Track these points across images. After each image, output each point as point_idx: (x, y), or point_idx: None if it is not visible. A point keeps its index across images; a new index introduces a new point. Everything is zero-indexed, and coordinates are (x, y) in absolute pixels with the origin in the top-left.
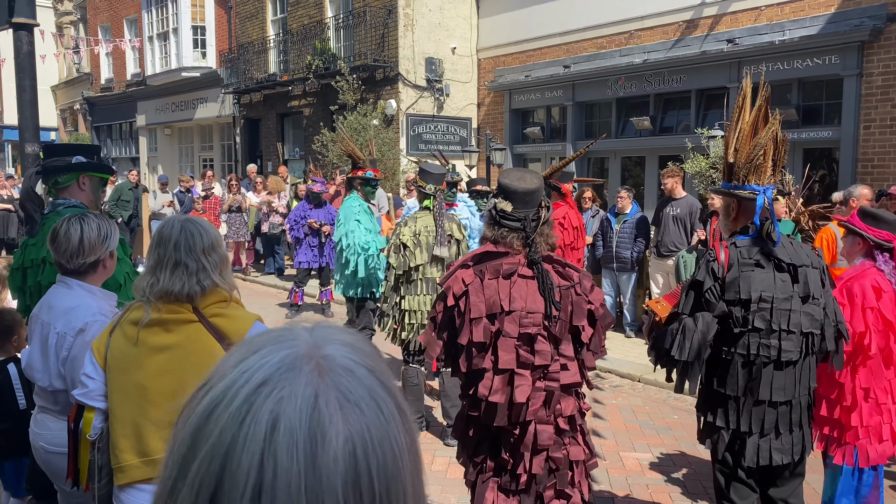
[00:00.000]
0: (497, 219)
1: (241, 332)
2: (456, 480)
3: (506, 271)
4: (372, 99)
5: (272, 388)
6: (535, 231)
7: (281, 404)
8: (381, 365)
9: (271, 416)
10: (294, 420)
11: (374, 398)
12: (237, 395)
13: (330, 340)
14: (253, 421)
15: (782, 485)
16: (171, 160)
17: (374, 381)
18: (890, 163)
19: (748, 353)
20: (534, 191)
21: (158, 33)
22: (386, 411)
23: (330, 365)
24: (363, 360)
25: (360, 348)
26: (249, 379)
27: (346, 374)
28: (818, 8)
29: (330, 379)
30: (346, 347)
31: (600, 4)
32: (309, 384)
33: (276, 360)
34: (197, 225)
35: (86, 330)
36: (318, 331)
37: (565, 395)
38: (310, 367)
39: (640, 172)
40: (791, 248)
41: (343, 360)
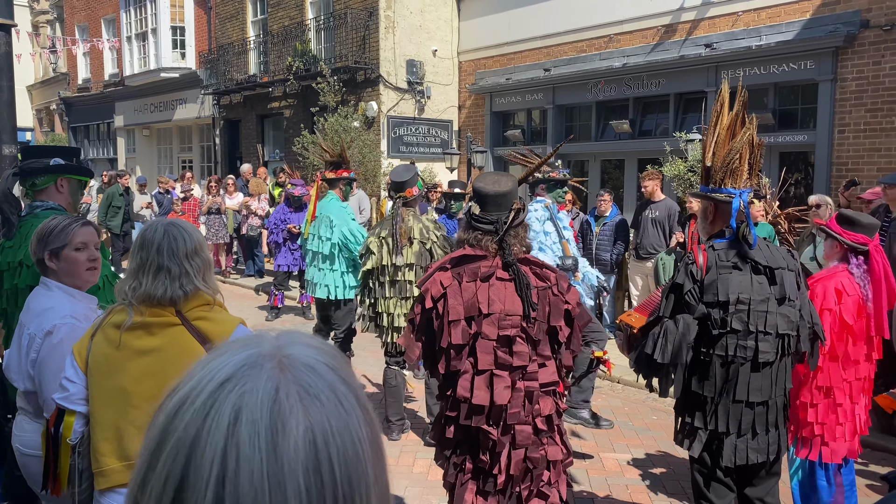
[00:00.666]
0: (471, 222)
1: (225, 335)
2: (437, 482)
3: (483, 274)
4: (353, 101)
5: (235, 384)
6: (506, 233)
7: (243, 398)
8: (344, 365)
9: (234, 409)
10: (256, 411)
11: (335, 392)
12: (202, 392)
13: (294, 343)
14: (217, 414)
15: (759, 484)
16: (149, 161)
17: (335, 377)
18: (864, 167)
19: (726, 354)
20: (505, 193)
21: (137, 33)
22: (346, 404)
23: (292, 362)
24: (325, 359)
25: (322, 349)
26: (213, 377)
27: (307, 370)
28: (794, 14)
29: (291, 374)
30: (308, 348)
31: (580, 8)
32: (270, 379)
33: (240, 358)
34: (180, 229)
35: (53, 332)
36: (284, 335)
37: (543, 394)
38: (272, 364)
39: (619, 175)
40: (767, 250)
41: (305, 358)
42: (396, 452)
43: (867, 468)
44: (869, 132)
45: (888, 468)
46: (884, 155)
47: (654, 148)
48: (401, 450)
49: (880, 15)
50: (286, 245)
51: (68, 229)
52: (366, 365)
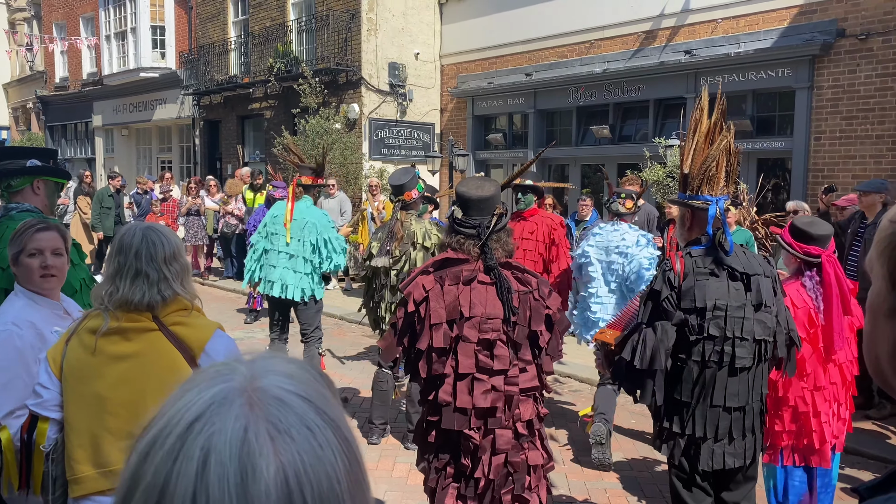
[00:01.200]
0: (453, 226)
1: (202, 340)
2: (416, 487)
3: (465, 277)
4: (334, 103)
5: (204, 424)
6: (488, 237)
7: (212, 440)
8: (320, 392)
9: (202, 452)
10: (224, 454)
11: (307, 425)
12: (171, 434)
13: (267, 372)
14: (185, 458)
15: (735, 489)
16: (128, 161)
17: (307, 408)
18: (839, 173)
19: (703, 359)
20: (488, 198)
21: (116, 32)
22: (320, 437)
23: (262, 396)
24: (299, 388)
25: (298, 377)
26: (182, 417)
27: (277, 404)
28: (772, 22)
29: (261, 410)
30: (281, 377)
31: (562, 14)
32: (239, 417)
33: (209, 395)
34: (159, 233)
35: None
36: (258, 363)
37: (524, 399)
38: (241, 401)
39: (599, 180)
40: (744, 257)
41: (275, 391)
42: (376, 457)
43: (842, 471)
44: (844, 139)
45: (864, 472)
46: (858, 162)
47: (633, 153)
48: (380, 454)
49: (856, 24)
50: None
51: (25, 235)
52: (344, 368)
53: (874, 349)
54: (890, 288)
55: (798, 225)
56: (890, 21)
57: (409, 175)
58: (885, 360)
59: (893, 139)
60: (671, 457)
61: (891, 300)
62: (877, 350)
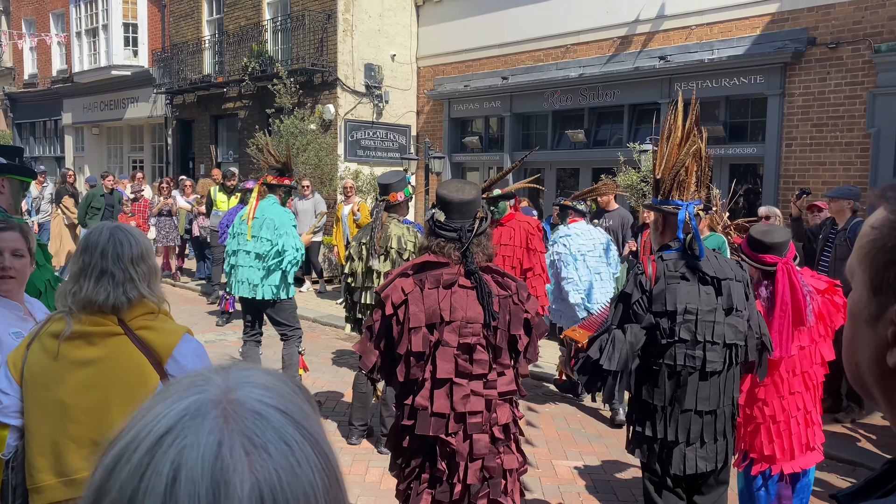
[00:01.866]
0: (434, 229)
1: (170, 345)
2: (390, 491)
3: (446, 281)
4: (310, 103)
5: (175, 437)
6: (470, 241)
7: (183, 454)
8: (299, 405)
9: (172, 468)
10: (196, 470)
11: (285, 440)
12: (139, 448)
13: (244, 383)
14: (154, 473)
15: (707, 492)
16: (98, 160)
17: (285, 422)
18: (809, 179)
19: (674, 363)
20: (470, 201)
21: (87, 29)
22: (298, 453)
23: (237, 409)
24: (277, 401)
25: (276, 389)
26: (152, 430)
27: (254, 418)
28: (745, 29)
29: (235, 424)
30: (259, 389)
31: (538, 18)
32: (213, 431)
33: (181, 407)
34: (127, 233)
35: None
36: (234, 373)
37: (501, 403)
38: (216, 413)
39: (574, 184)
40: (716, 261)
41: (252, 404)
42: (349, 461)
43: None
44: (814, 146)
45: (834, 475)
46: (828, 169)
47: (608, 157)
48: (353, 458)
49: (826, 33)
50: None
51: None
52: (319, 371)
53: (854, 356)
54: (871, 294)
55: (754, 235)
56: (859, 31)
57: (399, 177)
58: (866, 367)
59: (862, 146)
60: (644, 460)
61: (872, 307)
62: (857, 357)
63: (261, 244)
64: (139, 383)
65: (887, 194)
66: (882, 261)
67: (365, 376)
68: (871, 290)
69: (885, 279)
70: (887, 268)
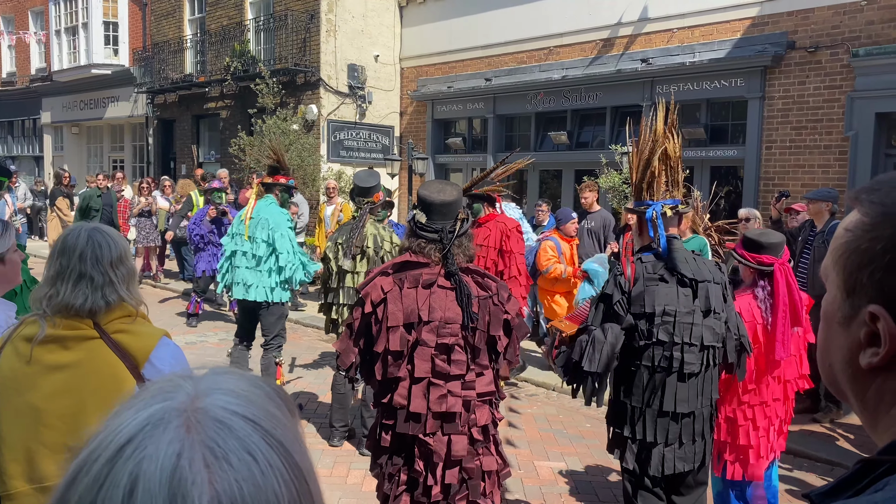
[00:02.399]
0: (415, 230)
1: (147, 349)
2: (371, 493)
3: (425, 281)
4: (292, 103)
5: (134, 449)
6: (451, 242)
7: (141, 466)
8: (270, 413)
9: (130, 479)
10: (153, 483)
11: (249, 451)
12: (99, 458)
13: (213, 390)
14: (111, 485)
15: (686, 493)
16: (78, 160)
17: (251, 431)
18: (789, 182)
19: (653, 365)
20: (451, 202)
21: (67, 27)
22: (263, 463)
23: (201, 418)
24: (245, 409)
25: (247, 395)
26: (113, 440)
27: (218, 427)
28: (726, 33)
29: (197, 434)
30: (228, 396)
31: (521, 20)
32: (173, 441)
33: (145, 416)
34: (105, 235)
35: None
36: (206, 380)
37: (480, 404)
38: (178, 423)
39: (557, 185)
40: (694, 263)
41: (217, 412)
42: (330, 463)
43: (791, 474)
44: (794, 149)
45: (811, 474)
46: (807, 171)
47: (590, 159)
48: (335, 460)
49: (805, 37)
50: (209, 247)
51: None
52: (299, 373)
53: (828, 357)
54: (844, 296)
55: (749, 236)
56: (837, 35)
57: (376, 178)
58: (839, 367)
59: (840, 149)
60: (623, 461)
61: (845, 308)
62: (830, 358)
63: (256, 245)
64: (114, 388)
65: (861, 197)
66: (855, 263)
67: (343, 375)
68: (844, 291)
69: (857, 281)
70: (860, 269)
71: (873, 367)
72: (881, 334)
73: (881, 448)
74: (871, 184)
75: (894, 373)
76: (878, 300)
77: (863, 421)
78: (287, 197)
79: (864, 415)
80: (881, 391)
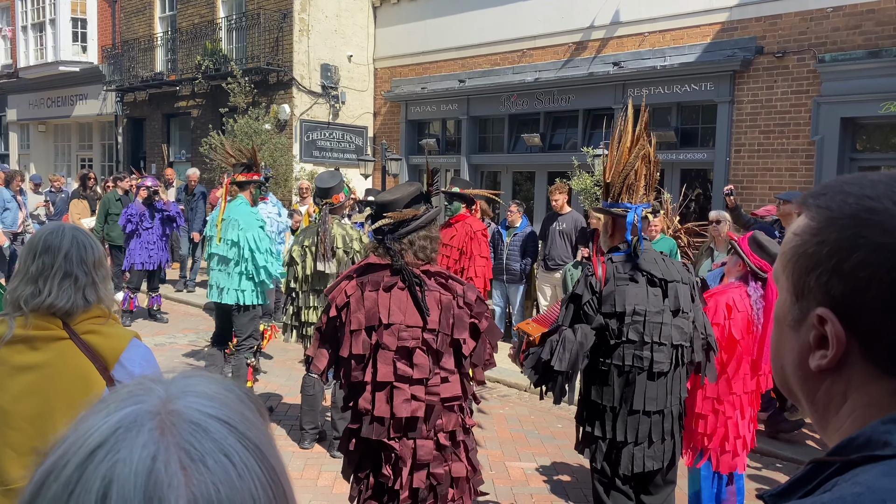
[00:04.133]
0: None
1: (117, 350)
2: (342, 496)
3: (386, 283)
4: (264, 103)
5: (107, 452)
6: (394, 240)
7: (115, 469)
8: (244, 415)
9: (103, 484)
10: (128, 486)
11: (225, 453)
12: (69, 463)
13: (185, 392)
14: (83, 490)
15: (655, 492)
16: (45, 159)
17: (227, 433)
18: (757, 185)
19: (622, 364)
20: (391, 202)
21: (33, 23)
22: (239, 465)
23: (175, 420)
24: (219, 411)
25: (219, 398)
26: (84, 443)
27: (193, 429)
28: (696, 37)
29: (172, 436)
30: (200, 398)
31: (494, 22)
32: (147, 444)
33: (116, 419)
34: (87, 236)
35: None
36: (177, 382)
37: (446, 410)
38: (152, 425)
39: (530, 187)
40: (663, 264)
41: (191, 414)
42: (301, 465)
43: (759, 472)
44: (762, 152)
45: (779, 473)
46: (775, 174)
47: (563, 162)
48: (305, 462)
49: (773, 43)
50: (141, 240)
51: None
52: (272, 375)
53: (779, 360)
54: (794, 300)
55: (759, 238)
56: (804, 41)
57: (337, 179)
58: (790, 370)
59: (807, 153)
60: (593, 461)
61: (794, 312)
62: (782, 360)
63: (226, 247)
64: (83, 390)
65: (808, 201)
66: (803, 266)
67: (310, 376)
68: (793, 295)
69: (805, 284)
70: (808, 273)
71: (822, 370)
72: (829, 337)
73: (831, 449)
74: (818, 188)
75: (843, 375)
76: (826, 303)
77: (814, 422)
78: (259, 194)
79: (815, 416)
80: (830, 393)
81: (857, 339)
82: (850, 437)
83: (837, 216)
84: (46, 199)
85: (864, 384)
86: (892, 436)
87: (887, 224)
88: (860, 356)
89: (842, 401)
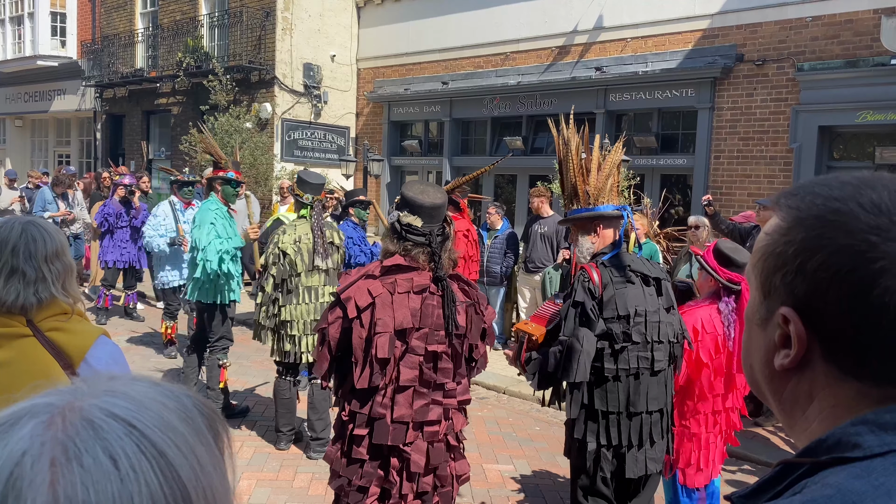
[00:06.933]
0: (402, 233)
1: (83, 347)
2: (318, 497)
3: (417, 287)
4: (246, 101)
5: None
6: (440, 247)
7: None
8: (169, 422)
9: None
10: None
11: (111, 454)
12: None
13: (108, 392)
14: None
15: (639, 495)
16: (21, 154)
17: (124, 434)
18: (736, 191)
19: (629, 367)
20: (440, 206)
21: (11, 17)
22: (124, 469)
23: (70, 416)
24: (129, 413)
25: (144, 402)
26: None
27: (82, 427)
28: (678, 44)
29: (56, 432)
30: (117, 399)
31: (478, 25)
32: (24, 438)
33: (13, 410)
34: (40, 229)
35: None
36: (110, 382)
37: (457, 411)
38: (42, 419)
39: (511, 190)
40: (647, 264)
41: (91, 412)
42: (277, 466)
43: (733, 475)
44: (741, 159)
45: (754, 477)
46: (753, 181)
47: (544, 165)
48: (281, 463)
49: (753, 50)
50: (115, 238)
51: None
52: (248, 375)
53: (749, 359)
54: (762, 299)
55: (723, 250)
56: (784, 49)
57: (322, 177)
58: (758, 368)
59: (785, 160)
60: (599, 471)
61: (762, 311)
62: (751, 360)
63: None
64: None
65: (780, 202)
66: (770, 266)
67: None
68: (761, 293)
69: (772, 283)
70: (774, 272)
71: (786, 369)
72: (792, 336)
73: (800, 450)
74: (791, 189)
75: (806, 375)
76: (790, 303)
77: (782, 422)
78: (231, 191)
79: (783, 416)
80: (796, 393)
81: (819, 339)
82: (819, 439)
83: (805, 216)
84: (22, 195)
85: (828, 385)
86: (862, 438)
87: (851, 226)
88: (822, 357)
89: (808, 401)
